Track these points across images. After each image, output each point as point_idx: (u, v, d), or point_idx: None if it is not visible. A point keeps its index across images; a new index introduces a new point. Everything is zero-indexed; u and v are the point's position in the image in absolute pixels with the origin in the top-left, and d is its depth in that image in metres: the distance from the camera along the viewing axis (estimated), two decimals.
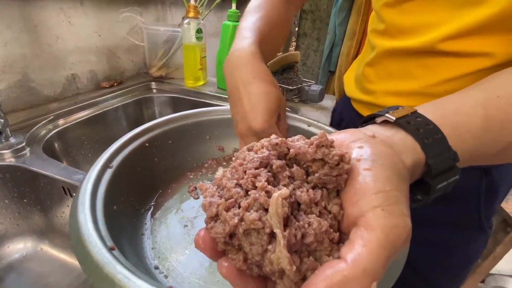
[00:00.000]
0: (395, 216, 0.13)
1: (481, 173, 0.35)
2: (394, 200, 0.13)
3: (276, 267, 0.13)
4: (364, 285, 0.11)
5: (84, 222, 0.21)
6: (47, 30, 0.57)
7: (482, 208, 0.37)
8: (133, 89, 0.73)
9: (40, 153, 0.47)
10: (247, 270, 0.15)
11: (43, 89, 0.59)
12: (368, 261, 0.12)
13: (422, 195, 0.18)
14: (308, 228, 0.14)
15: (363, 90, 0.43)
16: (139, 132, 0.35)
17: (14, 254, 0.49)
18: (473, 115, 0.19)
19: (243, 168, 0.16)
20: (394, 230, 0.12)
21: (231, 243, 0.15)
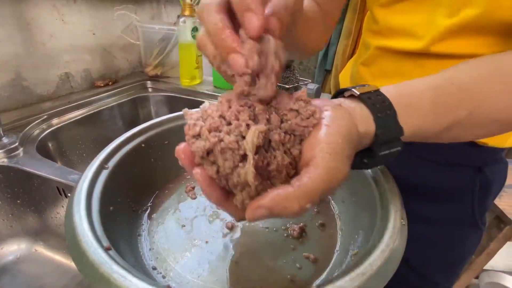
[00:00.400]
0: (337, 161, 0.16)
1: (474, 170, 0.36)
2: (341, 151, 0.17)
3: (242, 179, 0.16)
4: (301, 203, 0.15)
5: (80, 222, 0.21)
6: (40, 28, 0.56)
7: (476, 205, 0.37)
8: (128, 88, 0.72)
9: (34, 153, 0.46)
10: (216, 180, 0.18)
11: (36, 88, 0.58)
12: (309, 187, 0.15)
13: (368, 159, 0.21)
14: (273, 159, 0.17)
15: None
16: (135, 133, 0.35)
17: (8, 256, 0.48)
18: (424, 97, 0.23)
19: (228, 104, 0.18)
20: (334, 170, 0.16)
21: (207, 158, 0.17)
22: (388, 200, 0.25)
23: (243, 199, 0.17)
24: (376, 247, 0.20)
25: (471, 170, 0.36)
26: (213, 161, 0.17)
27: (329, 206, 0.36)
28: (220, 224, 0.32)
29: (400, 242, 0.21)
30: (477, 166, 0.36)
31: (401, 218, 0.23)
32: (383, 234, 0.21)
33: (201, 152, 0.17)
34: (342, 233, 0.32)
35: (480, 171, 0.36)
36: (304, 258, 0.29)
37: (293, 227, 0.32)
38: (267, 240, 0.31)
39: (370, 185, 0.30)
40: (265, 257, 0.29)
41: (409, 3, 0.33)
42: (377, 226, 0.24)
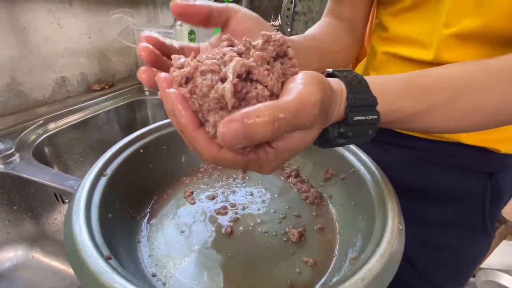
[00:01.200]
0: (311, 88, 0.17)
1: (486, 176, 0.36)
2: (313, 82, 0.18)
3: (219, 93, 0.16)
4: (274, 111, 0.15)
5: (79, 231, 0.21)
6: (35, 32, 0.55)
7: (487, 211, 0.37)
8: (125, 92, 0.72)
9: (30, 158, 0.46)
10: (189, 101, 0.17)
11: (32, 92, 0.58)
12: (283, 104, 0.16)
13: (344, 127, 0.22)
14: (253, 89, 0.17)
15: None
16: (133, 139, 0.34)
17: (4, 263, 0.47)
18: (398, 78, 0.24)
19: (216, 49, 0.19)
20: (307, 95, 0.17)
21: (185, 87, 0.17)
22: (386, 204, 0.26)
23: (216, 120, 0.17)
24: (375, 253, 0.20)
25: (482, 176, 0.36)
26: (190, 90, 0.17)
27: (328, 210, 0.36)
28: (219, 229, 0.32)
29: (398, 247, 0.22)
30: (489, 172, 0.36)
31: (398, 223, 0.23)
32: (381, 239, 0.22)
33: (181, 78, 0.17)
34: (340, 236, 0.32)
35: (492, 177, 0.36)
36: (304, 263, 0.29)
37: (292, 232, 0.32)
38: (266, 245, 0.31)
39: (368, 188, 0.30)
40: (265, 262, 0.29)
41: (415, 12, 0.33)
42: (375, 230, 0.24)
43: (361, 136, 0.22)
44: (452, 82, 0.24)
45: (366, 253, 0.21)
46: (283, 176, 0.42)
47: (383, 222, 0.24)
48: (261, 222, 0.34)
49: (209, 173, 0.42)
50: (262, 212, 0.35)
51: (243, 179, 0.41)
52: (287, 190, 0.39)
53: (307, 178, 0.41)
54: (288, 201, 0.37)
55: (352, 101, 0.21)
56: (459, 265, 0.41)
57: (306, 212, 0.35)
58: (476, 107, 0.24)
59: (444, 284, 0.41)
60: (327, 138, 0.23)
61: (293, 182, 0.40)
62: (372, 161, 0.33)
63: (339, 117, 0.21)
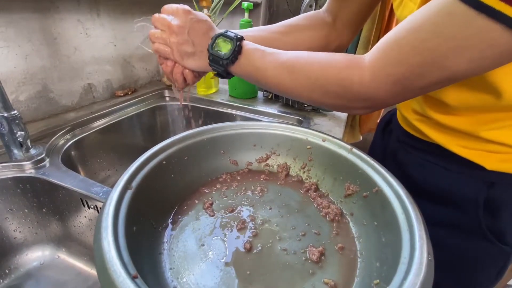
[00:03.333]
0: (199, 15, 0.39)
1: (484, 185, 0.37)
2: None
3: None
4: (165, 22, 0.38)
5: (108, 249, 0.22)
6: (65, 42, 0.58)
7: (482, 217, 0.38)
8: (147, 97, 0.74)
9: (59, 164, 0.48)
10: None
11: (61, 99, 0.61)
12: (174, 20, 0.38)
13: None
14: None
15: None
16: (157, 151, 0.35)
17: (32, 262, 0.50)
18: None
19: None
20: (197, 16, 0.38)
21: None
22: (413, 231, 0.25)
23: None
24: (402, 286, 0.20)
25: (480, 184, 0.37)
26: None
27: (349, 228, 0.35)
28: (238, 244, 0.33)
29: (428, 279, 0.21)
30: (489, 182, 0.37)
31: (428, 252, 0.23)
32: (409, 271, 0.21)
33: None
34: (362, 257, 0.31)
35: (492, 186, 0.37)
36: (323, 284, 0.29)
37: (312, 251, 0.31)
38: (285, 264, 0.31)
39: (393, 210, 0.29)
40: (284, 281, 0.29)
41: None
42: (402, 259, 0.23)
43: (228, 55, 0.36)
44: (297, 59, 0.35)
45: (393, 284, 0.21)
46: (302, 189, 0.42)
47: (410, 250, 0.23)
48: (280, 239, 0.33)
49: (228, 183, 0.43)
50: (281, 228, 0.35)
51: (261, 192, 0.41)
52: (306, 205, 0.39)
53: (327, 192, 0.41)
54: (307, 217, 0.37)
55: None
56: (459, 266, 0.42)
57: (326, 230, 0.35)
58: (309, 75, 0.34)
59: (444, 285, 0.40)
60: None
61: (312, 197, 0.40)
62: (398, 181, 0.32)
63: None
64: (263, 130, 0.45)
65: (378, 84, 0.30)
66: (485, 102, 0.33)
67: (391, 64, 0.28)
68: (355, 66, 0.31)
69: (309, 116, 0.69)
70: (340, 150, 0.40)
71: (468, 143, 0.37)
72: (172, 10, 0.39)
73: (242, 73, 0.39)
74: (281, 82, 0.36)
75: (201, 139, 0.41)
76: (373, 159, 0.36)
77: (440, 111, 0.38)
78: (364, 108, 0.34)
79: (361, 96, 0.32)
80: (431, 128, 0.41)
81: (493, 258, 0.40)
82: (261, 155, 0.46)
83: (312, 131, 0.43)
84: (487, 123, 0.34)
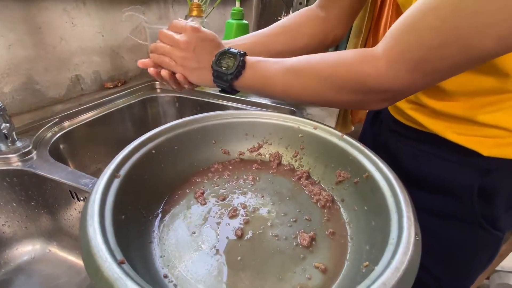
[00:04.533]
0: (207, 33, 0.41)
1: (479, 172, 0.37)
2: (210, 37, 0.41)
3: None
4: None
5: (94, 235, 0.21)
6: (50, 31, 0.56)
7: (476, 205, 0.38)
8: (137, 89, 0.72)
9: (47, 156, 0.47)
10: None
11: (48, 91, 0.59)
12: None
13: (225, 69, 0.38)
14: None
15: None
16: (145, 139, 0.35)
17: (23, 256, 0.49)
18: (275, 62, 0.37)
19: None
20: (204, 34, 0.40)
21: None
22: (402, 213, 0.25)
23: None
24: (390, 264, 0.20)
25: (476, 171, 0.38)
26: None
27: (340, 214, 0.35)
28: (229, 231, 0.33)
29: (415, 258, 0.21)
30: (484, 169, 0.37)
31: (415, 233, 0.23)
32: (397, 250, 0.21)
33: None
34: (352, 241, 0.32)
35: (488, 174, 0.37)
36: (314, 268, 0.29)
37: (303, 236, 0.31)
38: (276, 249, 0.31)
39: (383, 194, 0.29)
40: (275, 266, 0.29)
41: None
42: (390, 240, 0.23)
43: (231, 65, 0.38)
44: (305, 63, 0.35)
45: (381, 264, 0.21)
46: (294, 177, 0.42)
47: (398, 231, 0.23)
48: (272, 225, 0.33)
49: (220, 173, 0.42)
50: (272, 215, 0.35)
51: (253, 180, 0.41)
52: (298, 192, 0.39)
53: (319, 180, 0.41)
54: (299, 204, 0.37)
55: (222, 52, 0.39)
56: (452, 254, 0.42)
57: (317, 216, 0.35)
58: (316, 74, 0.34)
59: (437, 272, 0.41)
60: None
61: (304, 184, 0.40)
62: (388, 167, 0.32)
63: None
64: (255, 119, 0.45)
65: (395, 73, 0.28)
66: (488, 85, 0.32)
67: (408, 49, 0.27)
68: (368, 57, 0.30)
69: (301, 106, 0.69)
70: (331, 137, 0.40)
71: (464, 129, 0.37)
72: (181, 26, 0.40)
73: (248, 87, 0.39)
74: (290, 87, 0.36)
75: (191, 128, 0.41)
76: (363, 145, 0.36)
77: (435, 97, 0.38)
78: (382, 101, 0.32)
79: (378, 88, 0.30)
80: (426, 116, 0.40)
81: (486, 244, 0.41)
82: (253, 144, 0.46)
83: (303, 119, 0.43)
84: (484, 107, 0.34)
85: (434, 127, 0.39)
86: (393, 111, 0.48)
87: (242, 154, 0.46)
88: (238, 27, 0.69)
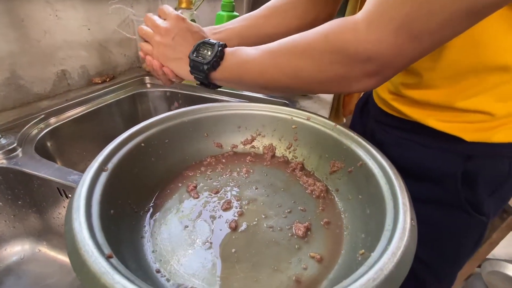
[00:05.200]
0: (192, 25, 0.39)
1: (462, 158, 0.38)
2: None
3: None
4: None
5: (79, 229, 0.20)
6: (34, 24, 0.54)
7: (460, 191, 0.39)
8: (126, 84, 0.71)
9: (33, 153, 0.45)
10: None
11: (33, 86, 0.57)
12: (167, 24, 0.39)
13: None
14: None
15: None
16: (134, 132, 0.34)
17: (12, 257, 0.48)
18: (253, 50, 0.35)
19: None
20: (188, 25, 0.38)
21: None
22: (397, 199, 0.25)
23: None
24: (386, 250, 0.19)
25: (459, 157, 0.38)
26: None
27: (334, 204, 0.35)
28: (223, 224, 0.32)
29: (411, 244, 0.21)
30: (467, 155, 0.37)
31: (411, 218, 0.22)
32: (393, 236, 0.21)
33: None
34: (347, 230, 0.31)
35: (470, 159, 0.37)
36: (310, 258, 0.29)
37: (298, 226, 0.31)
38: (271, 240, 0.30)
39: (377, 182, 0.29)
40: (270, 257, 0.29)
41: None
42: (386, 226, 0.23)
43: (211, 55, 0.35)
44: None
45: (377, 250, 0.20)
46: (288, 169, 0.41)
47: (394, 218, 0.23)
48: (266, 217, 0.33)
49: (213, 166, 0.41)
50: (267, 207, 0.34)
51: (247, 173, 0.40)
52: (292, 183, 0.38)
53: (313, 171, 0.40)
54: (293, 195, 0.36)
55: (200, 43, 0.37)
56: (439, 240, 0.43)
57: (312, 206, 0.35)
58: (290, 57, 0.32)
59: (424, 256, 0.42)
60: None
61: (298, 175, 0.40)
62: (382, 154, 0.31)
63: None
64: (248, 111, 0.44)
65: (377, 36, 0.25)
66: (464, 63, 0.32)
67: (391, 6, 0.24)
68: (347, 23, 0.27)
69: (294, 99, 0.68)
70: (325, 128, 0.39)
71: (445, 116, 0.37)
72: (167, 13, 0.39)
73: (226, 78, 0.36)
74: (266, 71, 0.33)
75: (182, 121, 0.40)
76: (356, 134, 0.36)
77: (413, 87, 0.38)
78: (367, 75, 0.28)
79: (360, 55, 0.26)
80: (407, 105, 0.41)
81: (472, 229, 0.42)
82: (246, 137, 0.45)
83: (297, 110, 0.43)
84: (462, 92, 0.34)
85: (416, 116, 0.39)
86: (379, 101, 0.48)
87: (235, 147, 0.45)
88: (229, 19, 0.68)
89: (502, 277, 1.16)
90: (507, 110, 0.34)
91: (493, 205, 0.40)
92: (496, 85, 0.32)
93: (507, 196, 0.41)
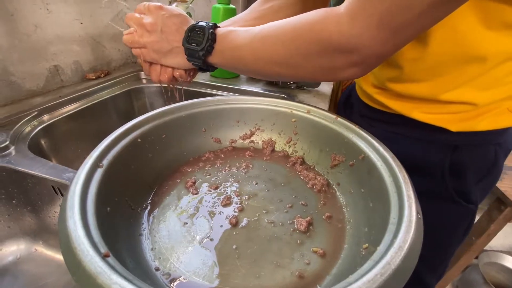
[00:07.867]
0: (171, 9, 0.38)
1: (449, 149, 0.38)
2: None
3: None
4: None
5: (74, 228, 0.20)
6: (24, 18, 0.52)
7: (448, 181, 0.39)
8: (121, 80, 0.69)
9: (26, 151, 0.44)
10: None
11: (24, 82, 0.55)
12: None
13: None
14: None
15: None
16: (130, 127, 0.33)
17: (7, 257, 0.47)
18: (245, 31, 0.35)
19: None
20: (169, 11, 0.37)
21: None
22: (401, 191, 0.24)
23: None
24: (393, 244, 0.19)
25: (445, 149, 0.38)
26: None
27: (336, 198, 0.35)
28: (223, 220, 0.31)
29: (418, 237, 0.20)
30: (453, 145, 0.38)
31: (416, 211, 0.22)
32: (399, 229, 0.20)
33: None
34: (350, 224, 0.31)
35: (456, 150, 0.38)
36: (312, 253, 0.28)
37: (299, 221, 0.30)
38: (273, 235, 0.30)
39: (380, 174, 0.28)
40: (271, 253, 0.28)
41: None
42: (391, 220, 0.22)
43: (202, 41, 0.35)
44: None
45: (383, 244, 0.20)
46: (288, 163, 0.40)
47: (399, 211, 0.22)
48: (267, 212, 0.32)
49: (211, 161, 0.41)
50: (267, 202, 0.34)
51: (246, 168, 0.39)
52: (292, 178, 0.38)
53: (313, 165, 0.40)
54: (294, 190, 0.36)
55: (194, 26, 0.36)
56: (434, 232, 0.43)
57: (313, 201, 0.34)
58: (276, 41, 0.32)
59: (426, 255, 0.42)
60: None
61: (299, 170, 0.39)
62: (384, 146, 0.31)
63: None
64: (246, 105, 0.43)
65: (359, 30, 0.26)
66: (445, 53, 0.32)
67: (371, 2, 0.25)
68: (329, 15, 0.28)
69: (293, 93, 0.67)
70: (325, 120, 0.39)
71: (429, 108, 0.37)
72: (145, 8, 0.38)
73: (222, 61, 0.37)
74: (259, 57, 0.34)
75: (179, 116, 0.39)
76: (358, 127, 0.35)
77: (397, 80, 0.38)
78: (352, 65, 0.29)
79: (344, 47, 0.28)
80: (391, 99, 0.41)
81: (460, 218, 0.42)
82: (245, 131, 0.44)
83: (296, 104, 0.42)
84: (444, 85, 0.34)
85: (401, 109, 0.39)
86: (362, 95, 0.48)
87: (234, 142, 0.44)
88: (225, 11, 0.67)
89: (499, 268, 1.18)
90: (489, 98, 0.34)
91: (480, 192, 0.41)
92: (476, 75, 0.33)
93: (493, 183, 0.42)
